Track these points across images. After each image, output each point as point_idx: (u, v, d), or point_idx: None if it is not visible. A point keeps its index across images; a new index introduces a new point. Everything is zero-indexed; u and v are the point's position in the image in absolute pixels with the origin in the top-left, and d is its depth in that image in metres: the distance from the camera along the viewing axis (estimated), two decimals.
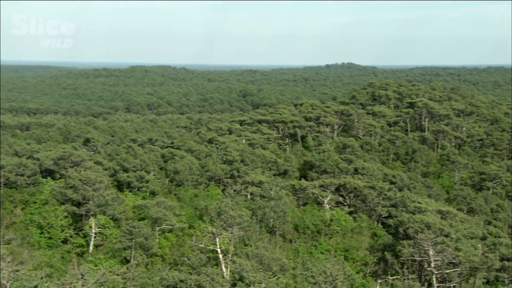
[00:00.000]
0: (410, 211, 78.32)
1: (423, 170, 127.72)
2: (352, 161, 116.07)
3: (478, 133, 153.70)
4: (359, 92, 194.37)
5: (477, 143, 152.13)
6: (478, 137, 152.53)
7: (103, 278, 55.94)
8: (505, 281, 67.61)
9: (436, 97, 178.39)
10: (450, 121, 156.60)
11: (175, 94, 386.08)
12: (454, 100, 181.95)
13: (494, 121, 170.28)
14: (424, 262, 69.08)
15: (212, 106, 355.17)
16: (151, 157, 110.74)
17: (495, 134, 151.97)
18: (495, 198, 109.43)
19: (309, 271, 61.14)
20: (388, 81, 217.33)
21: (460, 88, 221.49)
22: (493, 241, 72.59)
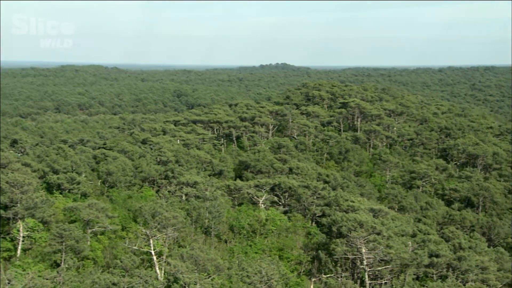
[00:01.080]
0: (343, 209, 79.38)
1: (356, 169, 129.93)
2: (287, 161, 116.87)
3: (408, 132, 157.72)
4: (293, 93, 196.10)
5: (407, 143, 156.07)
6: (408, 136, 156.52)
7: (31, 283, 54.08)
8: (433, 277, 69.43)
9: (368, 98, 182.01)
10: (381, 121, 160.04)
11: (107, 94, 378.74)
12: (385, 100, 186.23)
13: (423, 121, 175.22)
14: (357, 259, 70.07)
15: (146, 106, 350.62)
16: (82, 158, 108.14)
17: (424, 134, 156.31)
18: (425, 196, 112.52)
19: (244, 271, 61.02)
20: (322, 81, 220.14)
21: (391, 89, 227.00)
22: (423, 238, 74.41)
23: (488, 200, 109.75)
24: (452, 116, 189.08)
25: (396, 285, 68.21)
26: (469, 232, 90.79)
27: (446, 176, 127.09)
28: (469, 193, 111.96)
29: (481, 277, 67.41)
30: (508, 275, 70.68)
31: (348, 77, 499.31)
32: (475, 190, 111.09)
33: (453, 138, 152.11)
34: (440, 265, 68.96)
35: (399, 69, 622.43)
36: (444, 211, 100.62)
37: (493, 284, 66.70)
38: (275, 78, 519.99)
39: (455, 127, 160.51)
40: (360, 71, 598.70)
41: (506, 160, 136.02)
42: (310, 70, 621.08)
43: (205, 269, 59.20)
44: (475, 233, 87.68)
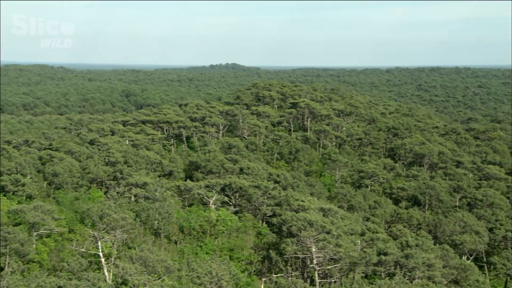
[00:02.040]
0: (293, 209, 79.67)
1: (306, 169, 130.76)
2: (238, 161, 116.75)
3: (357, 132, 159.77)
4: (244, 93, 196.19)
5: (356, 142, 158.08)
6: (357, 136, 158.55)
7: None
8: (382, 274, 70.37)
9: (318, 98, 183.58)
10: (331, 121, 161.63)
11: (53, 94, 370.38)
12: (335, 100, 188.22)
13: (372, 121, 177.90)
14: (307, 259, 70.44)
15: (93, 107, 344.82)
16: (27, 159, 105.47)
17: (372, 134, 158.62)
18: (373, 195, 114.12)
19: (195, 272, 60.61)
20: (272, 81, 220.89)
21: (340, 89, 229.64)
22: (371, 236, 75.32)
23: (434, 199, 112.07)
24: (399, 116, 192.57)
25: (345, 283, 68.82)
26: (416, 230, 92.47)
27: (394, 175, 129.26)
28: (416, 192, 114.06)
29: (428, 274, 68.70)
30: (453, 271, 72.26)
31: (298, 78, 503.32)
32: (422, 189, 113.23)
33: (401, 138, 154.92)
34: (388, 263, 69.93)
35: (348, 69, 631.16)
36: (392, 209, 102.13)
37: (439, 281, 68.04)
38: (225, 78, 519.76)
39: (402, 127, 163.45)
40: (309, 71, 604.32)
41: (451, 159, 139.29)
42: (260, 70, 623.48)
43: (154, 270, 58.48)
44: (422, 231, 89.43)
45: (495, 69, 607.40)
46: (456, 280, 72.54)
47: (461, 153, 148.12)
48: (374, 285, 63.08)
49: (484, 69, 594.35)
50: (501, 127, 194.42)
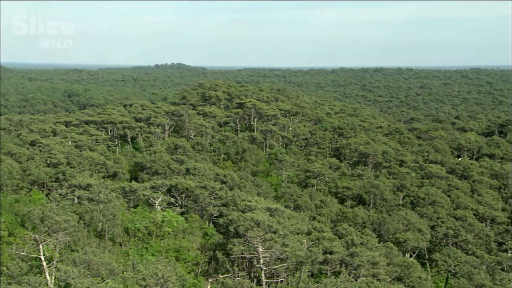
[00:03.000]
0: (240, 209, 79.43)
1: (253, 169, 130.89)
2: (184, 162, 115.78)
3: (303, 132, 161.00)
4: (190, 93, 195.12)
5: (302, 142, 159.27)
6: (303, 136, 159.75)
7: None
8: (327, 273, 70.94)
9: (264, 98, 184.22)
10: (277, 121, 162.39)
11: None
12: (281, 100, 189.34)
13: (317, 121, 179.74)
14: (254, 259, 70.32)
15: (34, 107, 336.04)
16: None
17: (318, 134, 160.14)
18: (319, 194, 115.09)
19: (140, 274, 59.64)
20: (218, 82, 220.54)
21: (286, 89, 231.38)
22: (317, 235, 75.85)
23: (379, 197, 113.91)
24: (344, 116, 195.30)
25: (292, 282, 69.09)
26: (361, 229, 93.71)
27: (339, 174, 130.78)
28: (360, 191, 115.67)
29: (372, 272, 69.62)
30: (396, 269, 73.46)
31: (244, 78, 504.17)
32: (366, 188, 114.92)
33: (346, 138, 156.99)
34: (334, 262, 70.54)
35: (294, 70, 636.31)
36: (337, 208, 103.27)
37: (383, 278, 69.01)
38: (171, 78, 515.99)
39: (347, 127, 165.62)
40: (256, 71, 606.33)
41: (394, 158, 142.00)
42: (206, 70, 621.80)
43: (98, 273, 57.30)
44: (367, 229, 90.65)
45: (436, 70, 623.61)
46: (399, 277, 73.79)
47: (404, 153, 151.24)
48: (320, 283, 63.50)
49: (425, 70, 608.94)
50: (442, 127, 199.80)
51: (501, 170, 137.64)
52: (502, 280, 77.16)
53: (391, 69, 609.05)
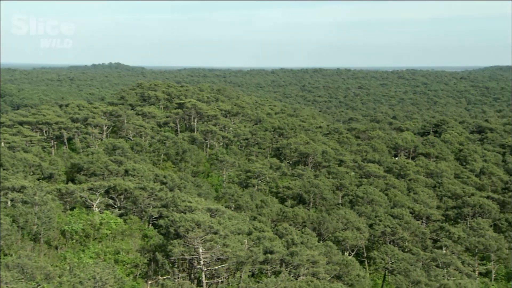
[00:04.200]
0: (181, 210, 78.64)
1: (193, 169, 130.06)
2: (123, 163, 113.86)
3: (244, 132, 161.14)
4: (128, 93, 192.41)
5: (243, 142, 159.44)
6: (244, 136, 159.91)
7: None
8: (268, 273, 71.07)
9: (204, 98, 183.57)
10: (218, 121, 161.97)
11: None
12: (221, 101, 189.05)
13: (258, 121, 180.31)
14: (194, 260, 69.76)
15: None
16: None
17: (259, 134, 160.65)
18: (260, 194, 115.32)
19: (77, 277, 58.10)
20: (157, 82, 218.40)
21: (226, 90, 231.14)
22: (258, 235, 75.91)
23: (318, 197, 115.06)
24: (284, 116, 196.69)
25: (232, 283, 68.92)
26: (301, 228, 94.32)
27: (280, 174, 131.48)
28: (301, 190, 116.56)
29: (312, 271, 70.16)
30: (336, 267, 74.28)
31: (184, 78, 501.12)
32: (307, 187, 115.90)
33: (286, 138, 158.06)
34: (274, 261, 70.71)
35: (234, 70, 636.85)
36: (278, 208, 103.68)
37: (322, 277, 69.63)
38: (109, 78, 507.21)
39: (287, 127, 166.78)
40: (196, 71, 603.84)
41: (334, 158, 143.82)
42: (145, 70, 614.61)
43: (33, 277, 55.57)
44: (307, 228, 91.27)
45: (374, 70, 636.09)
46: (338, 276, 74.63)
47: (343, 152, 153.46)
48: (260, 283, 63.51)
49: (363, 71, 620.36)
50: (380, 127, 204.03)
51: (435, 169, 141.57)
52: (436, 276, 79.13)
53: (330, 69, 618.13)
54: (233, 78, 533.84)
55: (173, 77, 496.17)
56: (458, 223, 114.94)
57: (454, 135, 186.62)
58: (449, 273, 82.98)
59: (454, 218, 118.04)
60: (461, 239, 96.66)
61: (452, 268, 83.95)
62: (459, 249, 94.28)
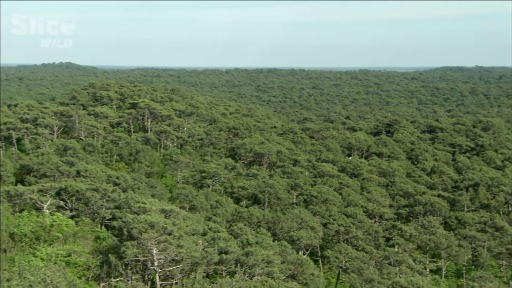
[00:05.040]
0: (134, 211, 77.64)
1: (147, 170, 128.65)
2: (74, 164, 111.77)
3: (198, 132, 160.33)
4: (80, 93, 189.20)
5: (198, 143, 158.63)
6: (199, 136, 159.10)
7: None
8: (223, 273, 70.83)
9: (158, 98, 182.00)
10: (172, 122, 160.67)
11: None
12: (175, 101, 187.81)
13: (213, 121, 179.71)
14: (148, 261, 68.97)
15: None
16: None
17: (213, 134, 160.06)
18: (215, 194, 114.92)
19: (27, 281, 56.71)
20: (110, 81, 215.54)
21: (180, 90, 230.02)
22: (213, 236, 75.57)
23: (273, 196, 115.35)
24: (239, 116, 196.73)
25: (187, 284, 68.39)
26: (256, 228, 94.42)
27: (235, 174, 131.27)
28: (256, 190, 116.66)
29: (267, 271, 70.20)
30: (290, 266, 74.54)
31: (137, 78, 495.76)
32: (261, 187, 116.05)
33: (241, 138, 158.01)
34: (229, 262, 70.49)
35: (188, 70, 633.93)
36: (233, 208, 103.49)
37: (277, 277, 69.76)
38: (60, 77, 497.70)
39: (242, 127, 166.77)
40: (149, 71, 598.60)
41: (288, 158, 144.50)
42: (97, 70, 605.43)
43: None
44: (262, 228, 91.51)
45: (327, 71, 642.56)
46: (293, 275, 74.91)
47: (298, 152, 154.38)
48: (215, 284, 63.23)
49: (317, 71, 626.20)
50: (334, 127, 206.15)
51: (388, 168, 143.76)
52: (389, 274, 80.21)
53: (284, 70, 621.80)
54: (187, 78, 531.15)
55: (126, 77, 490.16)
56: (410, 221, 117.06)
57: (406, 134, 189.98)
58: (401, 271, 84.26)
59: (406, 217, 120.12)
60: (412, 237, 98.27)
61: (404, 266, 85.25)
62: (411, 247, 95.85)
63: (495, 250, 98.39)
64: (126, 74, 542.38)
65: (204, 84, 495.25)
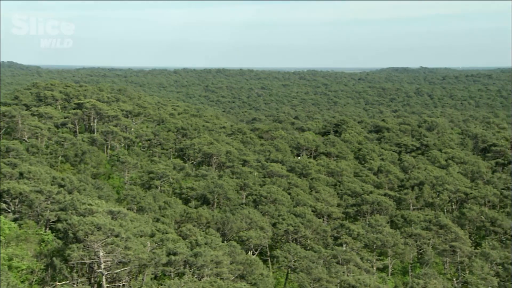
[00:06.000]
0: (80, 213, 76.06)
1: (93, 171, 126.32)
2: (17, 165, 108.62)
3: (146, 133, 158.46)
4: (23, 93, 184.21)
5: (146, 143, 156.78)
6: (146, 137, 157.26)
7: None
8: (171, 274, 70.15)
9: (104, 98, 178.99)
10: (119, 122, 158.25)
11: None
12: (122, 101, 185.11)
13: (161, 121, 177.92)
14: (95, 264, 67.69)
15: None
16: None
17: (162, 134, 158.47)
18: (163, 195, 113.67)
19: None
20: (54, 81, 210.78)
21: (127, 90, 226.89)
22: (161, 237, 74.76)
23: (222, 197, 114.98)
24: (188, 116, 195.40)
25: (134, 286, 67.43)
26: (205, 229, 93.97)
27: (184, 175, 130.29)
28: (205, 191, 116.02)
29: (216, 271, 69.86)
30: (239, 267, 74.41)
31: (82, 77, 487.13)
32: (211, 188, 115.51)
33: (190, 138, 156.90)
34: (178, 263, 69.85)
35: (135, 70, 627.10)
36: (182, 209, 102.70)
37: (226, 277, 69.55)
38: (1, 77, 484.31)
39: (191, 127, 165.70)
40: (95, 71, 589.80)
41: (238, 158, 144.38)
42: (41, 70, 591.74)
43: None
44: (211, 229, 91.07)
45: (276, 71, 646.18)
46: (242, 275, 74.83)
47: (247, 152, 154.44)
48: (163, 285, 62.58)
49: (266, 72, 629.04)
50: (282, 127, 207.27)
51: (336, 167, 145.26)
52: (337, 273, 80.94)
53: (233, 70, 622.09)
54: (134, 78, 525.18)
55: (71, 77, 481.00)
56: (357, 220, 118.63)
57: (353, 134, 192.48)
58: (349, 269, 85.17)
59: (353, 216, 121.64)
60: (360, 236, 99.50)
61: (351, 265, 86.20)
62: (359, 245, 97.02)
63: (439, 248, 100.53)
64: (71, 74, 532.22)
65: (151, 84, 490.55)
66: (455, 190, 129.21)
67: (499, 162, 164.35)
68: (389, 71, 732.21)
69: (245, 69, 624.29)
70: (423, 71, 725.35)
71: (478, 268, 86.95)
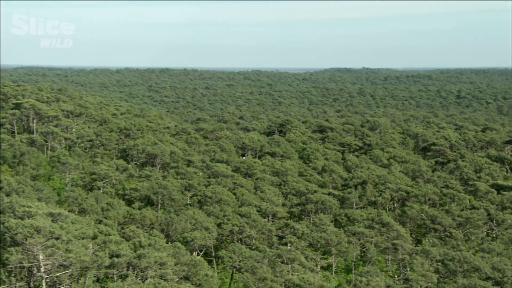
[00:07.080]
0: (19, 216, 73.96)
1: (32, 173, 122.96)
2: None
3: (88, 133, 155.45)
4: None
5: (88, 144, 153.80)
6: (88, 137, 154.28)
7: None
8: (114, 277, 69.00)
9: (44, 98, 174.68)
10: (59, 122, 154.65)
11: None
12: (63, 101, 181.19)
13: (103, 121, 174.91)
14: (34, 267, 65.89)
15: None
16: None
17: (104, 135, 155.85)
18: (106, 197, 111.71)
19: None
20: None
21: (68, 89, 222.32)
22: (104, 239, 73.48)
23: (167, 198, 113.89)
24: (131, 117, 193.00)
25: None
26: (149, 230, 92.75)
27: (127, 176, 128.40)
28: (149, 192, 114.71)
29: (160, 273, 69.08)
30: (184, 268, 73.82)
31: (21, 77, 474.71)
32: (155, 189, 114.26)
33: (133, 139, 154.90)
34: (121, 265, 68.73)
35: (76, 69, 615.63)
36: (125, 210, 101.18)
37: (171, 278, 68.89)
38: None
39: (134, 127, 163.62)
40: (34, 70, 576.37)
41: (182, 158, 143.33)
42: None
43: None
44: (155, 230, 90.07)
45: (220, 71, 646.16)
46: (187, 276, 74.25)
47: (192, 153, 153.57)
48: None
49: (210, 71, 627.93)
50: (227, 127, 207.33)
51: (281, 167, 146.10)
52: (282, 272, 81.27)
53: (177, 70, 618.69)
54: (75, 78, 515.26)
55: (9, 76, 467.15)
56: (302, 219, 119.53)
57: (297, 134, 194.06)
58: (294, 269, 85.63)
59: (298, 215, 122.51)
60: (304, 235, 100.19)
61: (296, 264, 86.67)
62: (303, 244, 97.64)
63: (382, 246, 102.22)
64: (9, 73, 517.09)
65: (93, 84, 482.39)
66: (396, 189, 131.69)
67: (439, 161, 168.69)
68: (332, 71, 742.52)
69: (189, 69, 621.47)
70: (365, 71, 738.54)
71: (419, 265, 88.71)
